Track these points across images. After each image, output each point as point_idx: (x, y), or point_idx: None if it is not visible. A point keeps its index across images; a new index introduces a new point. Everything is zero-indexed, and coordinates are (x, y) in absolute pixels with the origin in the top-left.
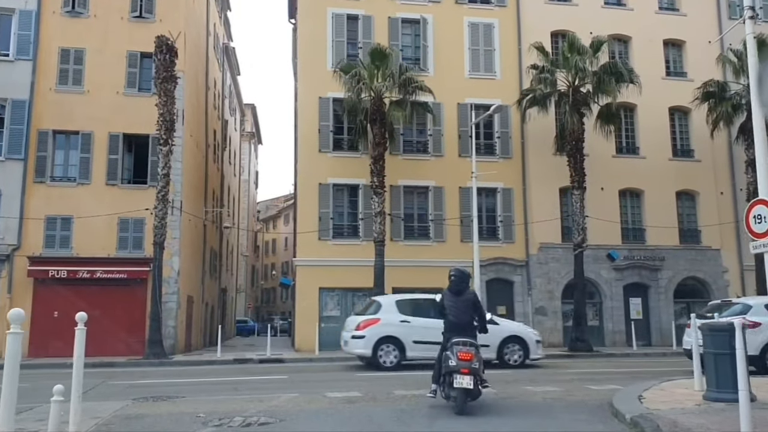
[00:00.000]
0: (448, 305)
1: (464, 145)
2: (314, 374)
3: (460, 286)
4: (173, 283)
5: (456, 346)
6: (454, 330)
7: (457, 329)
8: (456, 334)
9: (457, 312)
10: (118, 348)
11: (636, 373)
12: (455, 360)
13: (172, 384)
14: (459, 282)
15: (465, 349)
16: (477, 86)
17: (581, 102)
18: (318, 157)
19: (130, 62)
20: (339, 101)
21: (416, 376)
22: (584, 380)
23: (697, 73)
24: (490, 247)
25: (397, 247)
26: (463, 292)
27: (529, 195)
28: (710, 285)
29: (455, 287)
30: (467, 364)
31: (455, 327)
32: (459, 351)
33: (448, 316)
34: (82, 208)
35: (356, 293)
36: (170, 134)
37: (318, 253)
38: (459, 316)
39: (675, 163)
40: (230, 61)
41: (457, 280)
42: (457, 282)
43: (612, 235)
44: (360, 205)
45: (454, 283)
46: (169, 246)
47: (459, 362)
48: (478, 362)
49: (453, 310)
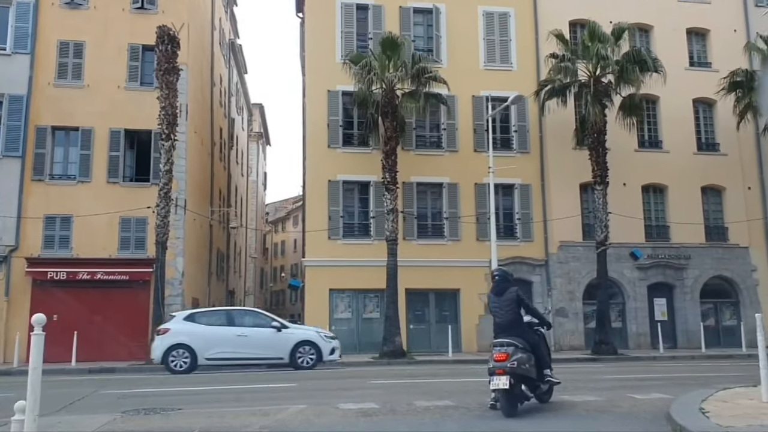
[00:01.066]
0: (492, 307)
1: (480, 140)
2: (325, 381)
3: (501, 286)
4: (177, 285)
5: (494, 348)
6: (499, 330)
7: (502, 329)
8: (501, 334)
9: (500, 312)
10: (120, 353)
11: (676, 379)
12: (492, 361)
13: (170, 393)
14: (501, 281)
15: (500, 349)
16: (492, 78)
17: (603, 93)
18: (327, 153)
19: (132, 55)
20: (348, 95)
21: (436, 384)
22: (623, 388)
23: (722, 63)
24: (507, 246)
25: (411, 247)
26: (504, 292)
27: (548, 191)
28: (738, 284)
29: (497, 287)
30: (502, 365)
31: (499, 327)
32: (495, 352)
33: (495, 318)
34: (82, 207)
35: (368, 294)
36: (172, 129)
37: (328, 253)
38: (502, 315)
39: (700, 157)
40: (237, 58)
41: (500, 280)
42: (499, 282)
43: (635, 233)
44: (371, 203)
45: (496, 284)
46: (172, 246)
47: (494, 363)
48: (518, 362)
49: (496, 311)
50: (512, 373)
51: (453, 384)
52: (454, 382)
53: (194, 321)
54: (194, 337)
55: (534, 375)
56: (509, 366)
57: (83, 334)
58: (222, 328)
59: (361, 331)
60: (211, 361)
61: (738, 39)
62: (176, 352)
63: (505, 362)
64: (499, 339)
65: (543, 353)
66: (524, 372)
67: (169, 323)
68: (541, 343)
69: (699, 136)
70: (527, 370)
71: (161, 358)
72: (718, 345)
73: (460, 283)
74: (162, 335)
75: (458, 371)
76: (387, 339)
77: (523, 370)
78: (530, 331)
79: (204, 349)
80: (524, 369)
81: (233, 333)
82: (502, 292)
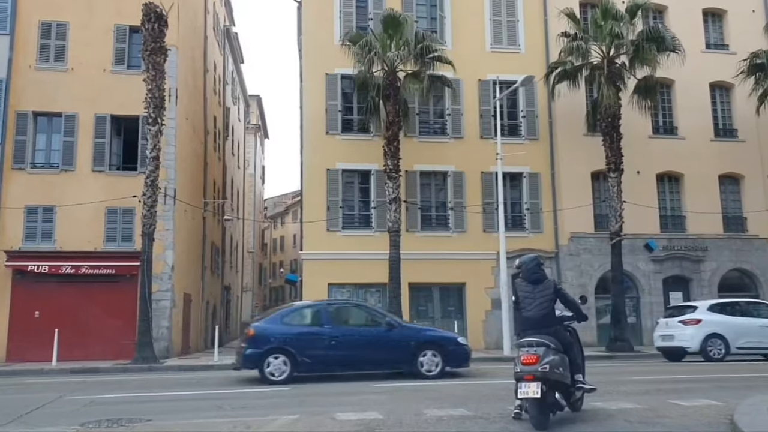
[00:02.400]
0: (523, 296)
1: (486, 126)
2: (321, 385)
3: (539, 274)
4: (167, 279)
5: (521, 348)
6: (527, 326)
7: (531, 325)
8: (529, 331)
9: (532, 304)
10: (107, 351)
11: (714, 381)
12: (519, 365)
13: (144, 399)
14: (537, 268)
15: (529, 351)
16: (499, 61)
17: (616, 75)
18: (325, 140)
19: (118, 37)
20: (348, 79)
21: (446, 387)
22: (659, 392)
23: (740, 45)
24: (515, 238)
25: (414, 239)
26: (541, 281)
27: (558, 180)
28: (758, 277)
29: (532, 275)
30: (531, 369)
31: (528, 323)
32: (522, 354)
33: (522, 311)
34: (66, 197)
35: (369, 289)
36: (160, 112)
37: (326, 245)
38: (534, 309)
39: (717, 144)
40: (232, 46)
41: (537, 266)
42: (536, 268)
43: (649, 224)
44: (372, 193)
45: (531, 270)
46: (161, 238)
47: (522, 367)
48: (550, 365)
49: (529, 303)
50: (544, 379)
51: (465, 387)
52: (466, 385)
53: None
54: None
55: (569, 380)
56: (540, 370)
57: (66, 332)
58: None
59: None
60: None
61: (756, 20)
62: None
63: (535, 366)
64: (528, 338)
65: (576, 355)
66: (558, 377)
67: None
68: (574, 342)
69: (716, 121)
70: (561, 375)
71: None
72: None
73: (466, 277)
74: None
75: (468, 370)
76: None
77: (557, 375)
78: (561, 328)
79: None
80: (558, 374)
81: None
82: (539, 281)
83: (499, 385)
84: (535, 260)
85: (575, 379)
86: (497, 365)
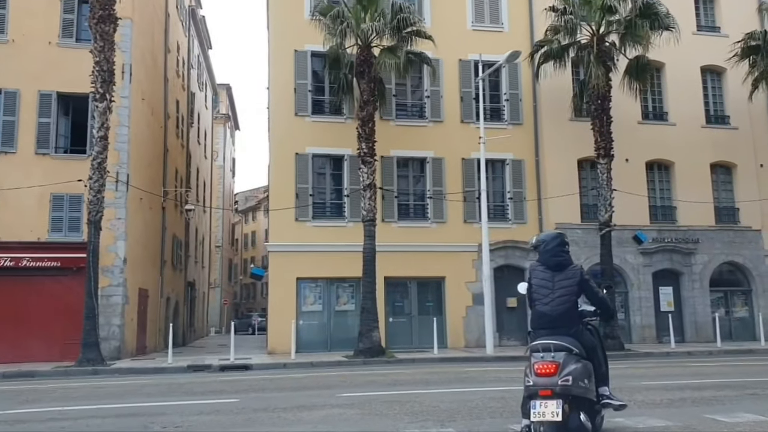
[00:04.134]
0: (539, 286)
1: (467, 109)
2: (280, 393)
3: (561, 256)
4: (118, 273)
5: (534, 354)
6: (542, 324)
7: (547, 323)
8: (543, 331)
9: (550, 296)
10: (51, 352)
11: (736, 387)
12: (532, 376)
13: (53, 416)
14: (560, 249)
15: (546, 357)
16: (481, 40)
17: (606, 54)
18: (294, 122)
19: (66, 7)
20: (319, 56)
21: (428, 396)
22: (686, 403)
23: (732, 27)
24: (498, 229)
25: (390, 230)
26: (565, 267)
27: (543, 167)
28: (750, 271)
29: (553, 257)
30: (549, 382)
31: (543, 320)
32: (536, 361)
33: (536, 305)
34: (6, 182)
35: (341, 284)
36: (109, 88)
37: (295, 236)
38: (552, 302)
39: (708, 131)
40: (198, 29)
41: (557, 246)
42: (556, 249)
43: (639, 215)
44: (345, 180)
45: (551, 251)
46: (112, 228)
47: (536, 379)
48: (573, 377)
49: (543, 294)
50: (565, 395)
51: (451, 397)
52: (452, 394)
53: None
54: None
55: (594, 395)
56: (561, 384)
57: (5, 331)
58: None
59: (333, 325)
60: None
61: (749, 0)
62: None
63: (554, 378)
64: (542, 339)
65: (601, 361)
66: (582, 392)
67: None
68: (598, 346)
69: (707, 108)
70: (586, 389)
71: None
72: (729, 338)
73: (446, 271)
74: None
75: (450, 375)
76: (363, 334)
77: (582, 390)
78: (583, 327)
79: None
80: (583, 387)
81: None
82: (562, 267)
83: (490, 393)
84: (559, 238)
85: (600, 392)
86: (482, 366)
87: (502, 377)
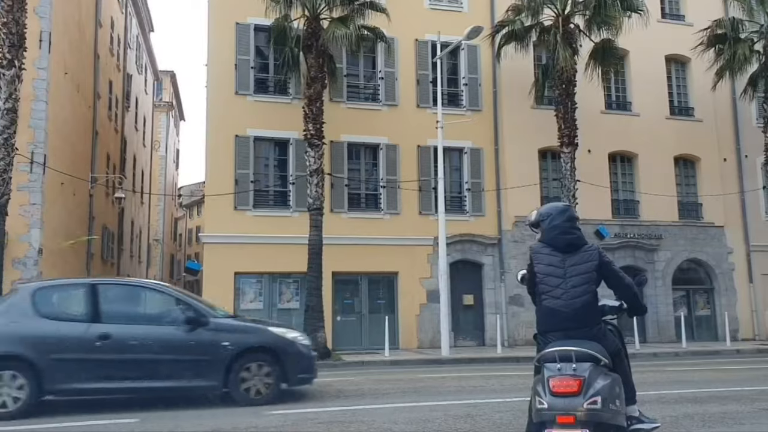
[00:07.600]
0: (546, 274)
1: (423, 93)
2: (192, 411)
3: (572, 232)
4: (32, 266)
5: (546, 365)
6: (554, 325)
7: (561, 323)
8: (557, 333)
9: (563, 287)
10: None
11: (735, 397)
12: (546, 396)
13: None
14: (570, 224)
15: (564, 371)
16: (439, 20)
17: (571, 37)
18: (234, 101)
19: None
20: (263, 30)
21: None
22: (694, 420)
23: (697, 15)
24: (454, 222)
25: (339, 221)
26: (579, 248)
27: (503, 156)
28: (713, 269)
29: (563, 234)
30: (571, 405)
31: (556, 319)
32: (552, 377)
33: (544, 298)
34: None
35: (284, 279)
36: (18, 53)
37: (233, 227)
38: (567, 295)
39: (673, 122)
40: (137, 8)
41: (566, 220)
42: (565, 224)
43: (601, 208)
44: (291, 166)
45: (560, 227)
46: (25, 214)
47: (553, 400)
48: (602, 398)
49: (556, 285)
50: (591, 422)
51: (406, 415)
52: (407, 411)
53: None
54: None
55: (625, 421)
56: (588, 408)
57: None
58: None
59: None
60: None
61: None
62: None
63: (578, 398)
64: (558, 345)
65: (627, 372)
66: (611, 418)
67: None
68: (622, 351)
69: (671, 98)
70: (617, 412)
71: None
72: (692, 338)
73: (399, 266)
74: None
75: (404, 382)
76: (308, 335)
77: (611, 414)
78: (605, 327)
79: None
80: (613, 411)
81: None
82: (575, 248)
83: (453, 409)
84: (567, 211)
85: (629, 413)
86: (439, 371)
87: (464, 386)
